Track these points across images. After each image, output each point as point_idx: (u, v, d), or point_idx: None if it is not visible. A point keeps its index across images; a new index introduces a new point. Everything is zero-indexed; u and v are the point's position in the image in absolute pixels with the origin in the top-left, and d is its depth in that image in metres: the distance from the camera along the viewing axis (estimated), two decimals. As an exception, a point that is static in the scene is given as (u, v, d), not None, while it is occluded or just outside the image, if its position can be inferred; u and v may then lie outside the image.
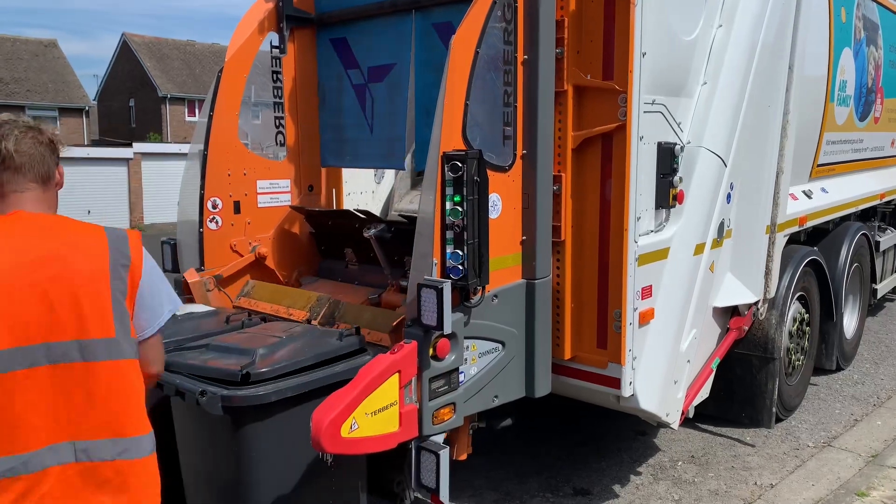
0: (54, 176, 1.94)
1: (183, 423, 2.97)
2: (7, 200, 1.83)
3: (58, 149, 1.94)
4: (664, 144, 3.70)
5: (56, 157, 1.94)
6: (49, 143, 1.90)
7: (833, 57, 5.58)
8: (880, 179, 7.23)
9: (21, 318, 1.69)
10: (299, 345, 3.00)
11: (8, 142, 1.82)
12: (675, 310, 3.82)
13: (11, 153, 1.82)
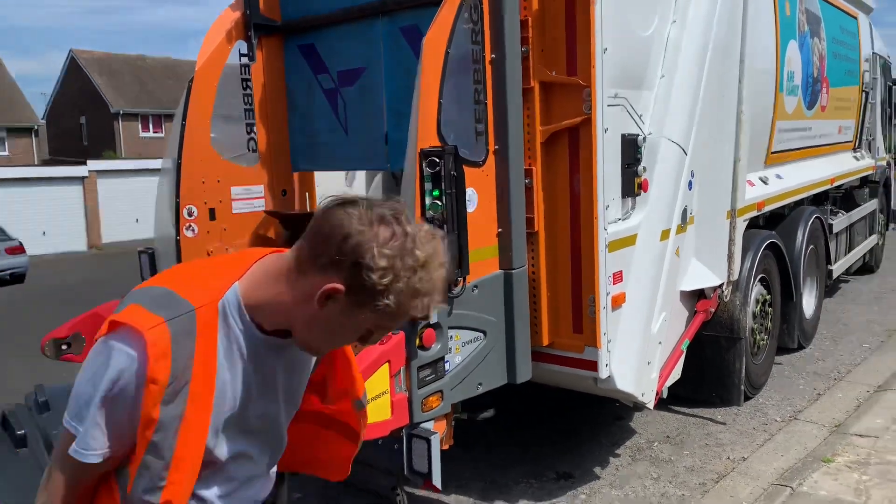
0: None
1: None
2: None
3: None
4: (627, 136, 3.86)
5: None
6: None
7: (780, 49, 5.85)
8: (830, 165, 7.55)
9: None
10: None
11: None
12: (645, 293, 3.98)
13: None
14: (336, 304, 1.28)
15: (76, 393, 1.32)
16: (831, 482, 3.99)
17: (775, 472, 4.27)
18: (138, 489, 1.34)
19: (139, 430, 1.29)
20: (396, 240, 1.25)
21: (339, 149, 4.43)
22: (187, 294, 1.33)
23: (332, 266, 1.26)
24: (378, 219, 1.26)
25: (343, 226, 1.26)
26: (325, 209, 1.33)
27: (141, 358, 1.26)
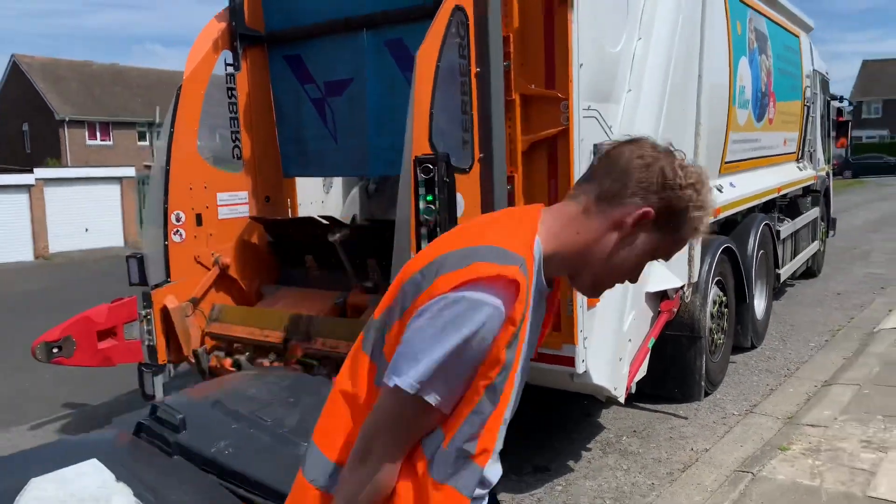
0: None
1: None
2: None
3: None
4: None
5: None
6: None
7: (732, 65, 6.23)
8: (777, 175, 8.01)
9: None
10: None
11: None
12: (616, 294, 4.22)
13: None
14: (642, 231, 1.41)
15: (418, 348, 1.31)
16: (788, 468, 4.30)
17: (736, 461, 4.56)
18: (458, 440, 1.35)
19: (481, 374, 1.32)
20: (687, 162, 1.42)
21: (329, 156, 4.59)
22: (512, 248, 1.37)
23: (639, 193, 1.39)
24: (665, 147, 1.44)
25: (643, 156, 1.40)
26: (610, 150, 1.46)
27: (507, 302, 1.31)
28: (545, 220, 1.46)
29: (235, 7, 4.41)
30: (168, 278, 4.14)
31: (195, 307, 4.20)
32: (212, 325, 4.22)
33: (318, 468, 1.48)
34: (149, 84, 40.49)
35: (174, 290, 4.17)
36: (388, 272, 4.16)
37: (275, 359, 3.90)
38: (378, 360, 1.44)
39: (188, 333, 4.13)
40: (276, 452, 2.13)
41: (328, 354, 3.68)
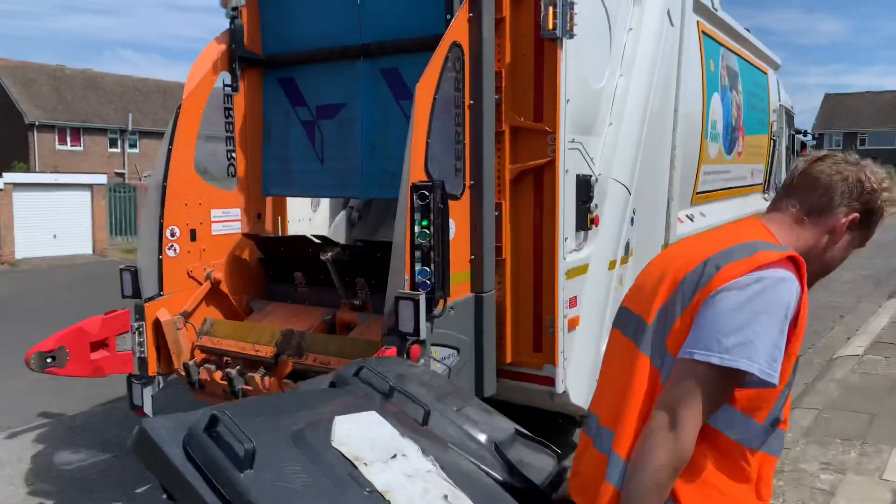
0: None
1: None
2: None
3: None
4: (582, 176, 4.33)
5: None
6: None
7: (706, 100, 6.53)
8: (745, 205, 8.36)
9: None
10: None
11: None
12: (595, 317, 4.43)
13: None
14: (849, 231, 1.72)
15: (731, 326, 1.50)
16: (752, 487, 4.52)
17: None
18: (773, 413, 1.62)
19: (792, 345, 1.56)
20: (872, 165, 1.74)
21: (313, 176, 4.72)
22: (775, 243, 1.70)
23: (845, 203, 1.69)
24: (854, 158, 1.75)
25: (841, 171, 1.71)
26: (807, 169, 1.75)
27: (798, 278, 1.58)
28: (770, 229, 1.75)
29: (235, 30, 4.55)
30: (161, 292, 4.23)
31: (186, 320, 4.29)
32: (202, 338, 4.31)
33: (618, 471, 1.63)
34: (122, 91, 40.12)
35: (166, 303, 4.25)
36: (376, 291, 4.32)
37: (265, 373, 4.01)
38: (660, 353, 1.64)
39: (179, 346, 4.21)
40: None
41: (319, 370, 3.81)
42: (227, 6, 4.54)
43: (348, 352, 3.75)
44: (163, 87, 42.34)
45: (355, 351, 3.72)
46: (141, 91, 41.28)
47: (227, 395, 4.05)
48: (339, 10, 4.41)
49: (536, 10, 3.87)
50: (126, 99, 39.66)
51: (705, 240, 1.76)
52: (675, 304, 1.62)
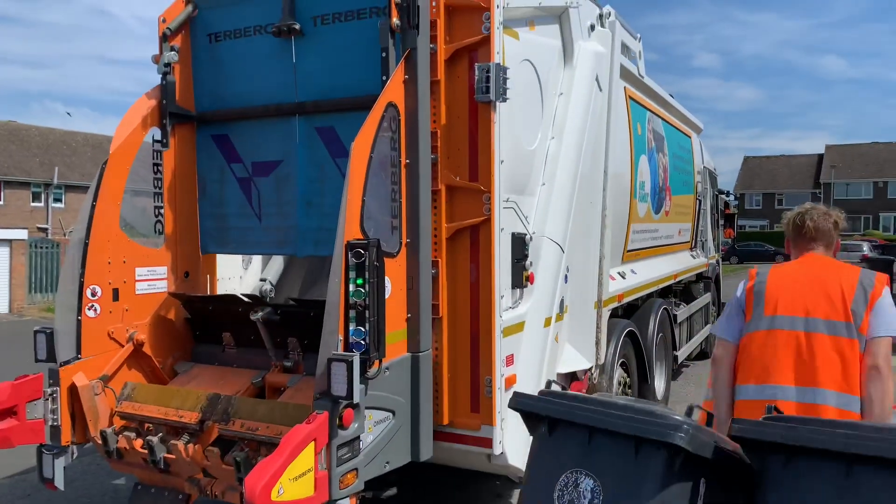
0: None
1: None
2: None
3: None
4: (517, 234, 4.38)
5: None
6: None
7: (634, 162, 6.78)
8: (673, 262, 8.62)
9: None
10: None
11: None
12: (532, 374, 4.41)
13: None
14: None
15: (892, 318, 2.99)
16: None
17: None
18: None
19: None
20: (836, 210, 3.40)
21: (251, 234, 4.62)
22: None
23: (837, 235, 3.36)
24: (824, 208, 3.39)
25: (828, 218, 3.34)
26: (816, 224, 3.32)
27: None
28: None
29: (167, 86, 4.48)
30: (79, 355, 3.99)
31: (105, 385, 4.06)
32: (123, 403, 4.07)
33: (832, 399, 2.92)
34: (48, 144, 38.92)
35: (84, 366, 4.02)
36: (308, 352, 4.19)
37: (188, 440, 3.80)
38: (850, 334, 2.97)
39: (96, 413, 3.96)
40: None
41: (247, 436, 3.64)
42: (160, 62, 4.47)
43: (277, 416, 3.60)
44: (92, 140, 41.30)
45: (285, 416, 3.57)
46: (69, 144, 40.13)
47: (147, 465, 3.81)
48: (275, 69, 4.41)
49: (471, 73, 3.96)
50: (52, 152, 38.43)
51: (827, 273, 3.15)
52: (858, 307, 2.98)
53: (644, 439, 2.44)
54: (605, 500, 2.47)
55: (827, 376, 2.92)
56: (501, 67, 3.93)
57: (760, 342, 3.07)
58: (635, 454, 2.45)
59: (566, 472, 2.60)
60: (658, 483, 2.40)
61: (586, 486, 2.53)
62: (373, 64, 3.88)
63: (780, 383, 2.98)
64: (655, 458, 2.41)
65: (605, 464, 2.53)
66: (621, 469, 2.48)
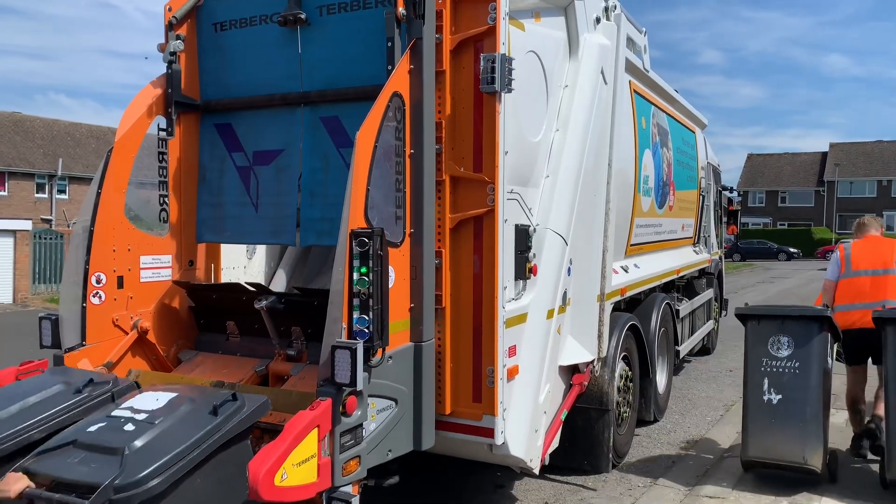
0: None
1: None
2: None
3: None
4: (520, 226, 4.38)
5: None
6: None
7: (638, 156, 6.77)
8: (676, 257, 8.62)
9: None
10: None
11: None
12: (534, 366, 4.43)
13: None
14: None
15: None
16: (689, 537, 4.53)
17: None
18: None
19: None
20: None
21: (247, 223, 4.62)
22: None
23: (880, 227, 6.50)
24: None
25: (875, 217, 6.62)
26: (863, 218, 6.58)
27: None
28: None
29: (172, 75, 4.49)
30: (83, 341, 4.02)
31: (109, 371, 4.08)
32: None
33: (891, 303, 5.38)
34: (52, 135, 38.95)
35: (88, 353, 4.04)
36: (312, 340, 4.21)
37: (192, 427, 3.81)
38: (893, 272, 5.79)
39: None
40: None
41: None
42: (165, 51, 4.48)
43: (281, 404, 3.61)
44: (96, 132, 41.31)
45: (288, 403, 3.58)
46: (73, 136, 40.15)
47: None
48: (280, 59, 4.41)
49: (476, 64, 3.96)
50: (56, 143, 38.46)
51: (881, 243, 6.07)
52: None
53: (809, 317, 5.35)
54: (794, 345, 5.29)
55: (887, 293, 5.64)
56: (507, 58, 3.93)
57: (848, 282, 5.89)
58: (806, 324, 5.30)
59: (772, 336, 5.37)
60: (817, 336, 5.26)
61: (784, 340, 5.34)
62: (378, 54, 3.88)
63: (860, 302, 5.76)
64: (815, 325, 5.29)
65: (790, 330, 5.32)
66: (799, 330, 5.29)
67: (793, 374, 5.24)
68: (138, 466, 2.72)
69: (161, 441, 2.87)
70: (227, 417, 3.06)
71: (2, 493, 2.71)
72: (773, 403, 5.26)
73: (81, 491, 2.66)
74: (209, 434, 2.95)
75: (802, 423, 5.17)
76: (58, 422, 3.28)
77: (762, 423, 5.30)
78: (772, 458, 5.30)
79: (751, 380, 5.39)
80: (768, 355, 5.33)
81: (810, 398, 5.18)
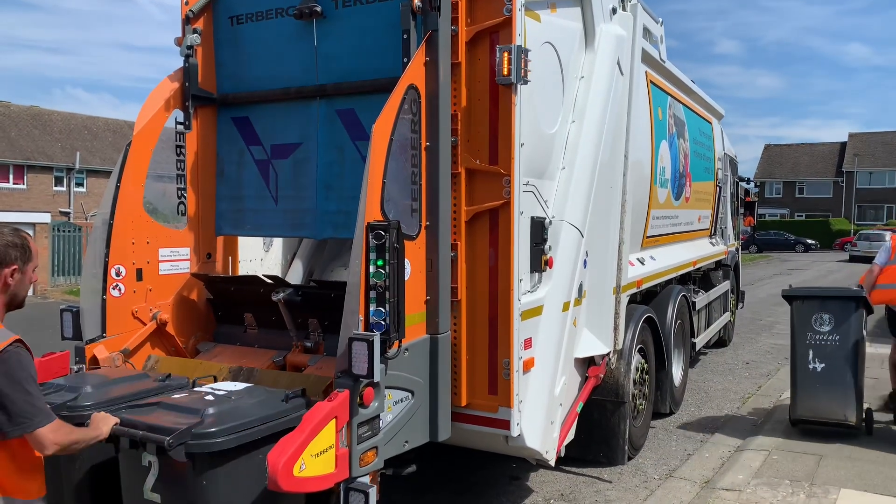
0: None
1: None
2: None
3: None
4: (536, 218, 4.37)
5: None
6: None
7: (654, 147, 6.73)
8: (692, 249, 8.56)
9: None
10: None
11: None
12: (549, 358, 4.43)
13: None
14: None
15: None
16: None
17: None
18: None
19: None
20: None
21: (267, 216, 4.65)
22: None
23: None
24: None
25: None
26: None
27: None
28: None
29: (189, 68, 4.52)
30: (104, 333, 4.07)
31: (126, 359, 4.13)
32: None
33: None
34: (70, 129, 39.30)
35: (109, 344, 4.09)
36: (329, 333, 4.23)
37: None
38: None
39: None
40: None
41: None
42: (182, 45, 4.51)
43: (297, 387, 3.66)
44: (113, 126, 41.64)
45: (307, 386, 3.63)
46: (90, 129, 40.49)
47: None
48: (296, 52, 4.42)
49: (492, 55, 3.95)
50: (74, 137, 38.81)
51: None
52: None
53: (846, 297, 6.28)
54: (835, 321, 6.22)
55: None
56: (523, 49, 3.92)
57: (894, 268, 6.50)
58: (844, 302, 6.22)
59: (815, 314, 6.29)
60: (854, 314, 6.20)
61: (825, 317, 6.25)
62: (394, 46, 3.88)
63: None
64: (852, 304, 6.23)
65: (831, 308, 6.27)
66: (838, 308, 6.24)
67: (834, 345, 6.25)
68: (214, 423, 2.96)
69: (236, 411, 3.12)
70: (295, 406, 3.29)
71: (97, 437, 2.82)
72: (817, 371, 6.29)
73: (163, 434, 2.88)
74: (278, 415, 3.18)
75: (843, 387, 6.21)
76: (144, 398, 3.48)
77: (808, 388, 6.33)
78: (817, 417, 6.35)
79: (798, 351, 6.39)
80: (812, 330, 6.33)
81: (849, 365, 6.20)
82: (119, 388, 3.52)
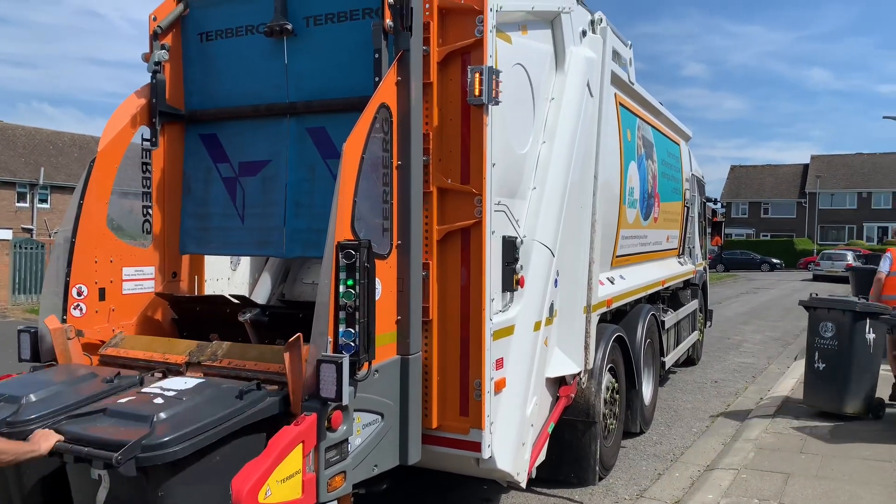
0: None
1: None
2: None
3: None
4: (507, 238, 4.37)
5: None
6: None
7: (623, 168, 6.80)
8: (661, 269, 8.65)
9: None
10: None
11: None
12: (521, 379, 4.40)
13: None
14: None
15: None
16: (676, 550, 4.51)
17: (629, 544, 4.73)
18: None
19: None
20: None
21: (233, 234, 4.57)
22: None
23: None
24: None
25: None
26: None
27: None
28: None
29: (157, 84, 4.44)
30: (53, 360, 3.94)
31: (77, 332, 3.97)
32: (108, 349, 4.04)
33: None
34: (34, 144, 38.60)
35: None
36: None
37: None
38: None
39: (69, 357, 3.88)
40: None
41: (232, 373, 3.64)
42: (150, 60, 4.44)
43: (267, 356, 3.60)
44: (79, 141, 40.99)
45: (275, 357, 3.55)
46: (55, 145, 39.80)
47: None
48: (266, 70, 4.38)
49: (463, 76, 3.95)
50: (38, 152, 38.11)
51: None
52: None
53: (844, 309, 7.30)
54: (836, 328, 7.35)
55: None
56: (494, 70, 3.93)
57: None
58: (843, 313, 7.29)
59: (822, 322, 7.44)
60: (852, 321, 7.27)
61: (828, 325, 7.39)
62: (365, 65, 3.86)
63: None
64: (850, 314, 7.29)
65: (832, 317, 7.36)
66: (838, 317, 7.35)
67: (833, 349, 7.45)
68: (165, 431, 2.85)
69: (188, 414, 3.01)
70: (251, 402, 3.18)
71: (31, 453, 2.74)
72: (820, 370, 7.55)
73: (110, 449, 2.76)
74: (233, 414, 3.07)
75: (838, 384, 7.43)
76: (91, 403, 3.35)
77: (812, 383, 7.65)
78: (818, 407, 7.61)
79: (809, 353, 7.71)
80: (819, 335, 7.57)
81: (845, 367, 7.37)
82: (65, 393, 3.38)
